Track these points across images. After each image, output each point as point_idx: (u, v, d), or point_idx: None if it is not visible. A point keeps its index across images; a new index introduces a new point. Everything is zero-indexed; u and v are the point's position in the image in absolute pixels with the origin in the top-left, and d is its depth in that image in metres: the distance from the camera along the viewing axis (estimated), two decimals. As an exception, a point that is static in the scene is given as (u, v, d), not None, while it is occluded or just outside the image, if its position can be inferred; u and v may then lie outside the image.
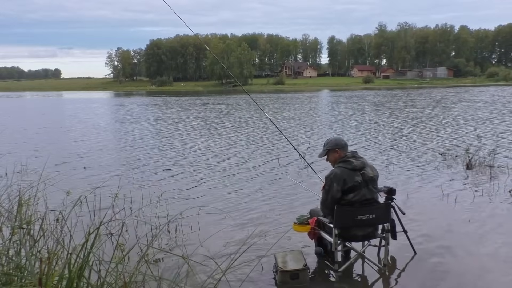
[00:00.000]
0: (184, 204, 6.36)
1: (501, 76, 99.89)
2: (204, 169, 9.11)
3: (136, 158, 10.66)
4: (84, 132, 17.00)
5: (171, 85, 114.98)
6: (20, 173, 8.50)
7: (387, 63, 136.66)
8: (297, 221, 4.25)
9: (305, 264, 3.90)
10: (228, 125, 18.87)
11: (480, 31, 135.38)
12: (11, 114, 28.91)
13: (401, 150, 10.96)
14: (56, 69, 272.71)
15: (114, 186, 6.86)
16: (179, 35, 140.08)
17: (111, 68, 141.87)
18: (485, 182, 7.39)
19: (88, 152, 11.87)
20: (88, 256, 2.45)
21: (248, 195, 6.95)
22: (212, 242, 4.75)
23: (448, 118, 19.39)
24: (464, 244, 4.76)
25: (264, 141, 13.28)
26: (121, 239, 4.16)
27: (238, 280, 3.74)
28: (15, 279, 2.48)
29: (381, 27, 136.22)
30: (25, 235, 3.94)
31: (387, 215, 3.97)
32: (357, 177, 3.82)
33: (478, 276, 4.03)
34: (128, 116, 25.62)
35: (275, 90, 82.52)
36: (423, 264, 4.25)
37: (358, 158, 3.95)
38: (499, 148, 10.49)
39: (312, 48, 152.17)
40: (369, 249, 4.33)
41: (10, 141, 14.10)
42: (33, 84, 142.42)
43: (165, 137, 14.90)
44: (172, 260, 4.26)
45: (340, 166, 3.92)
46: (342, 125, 18.01)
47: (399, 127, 16.61)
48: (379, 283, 3.97)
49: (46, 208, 5.50)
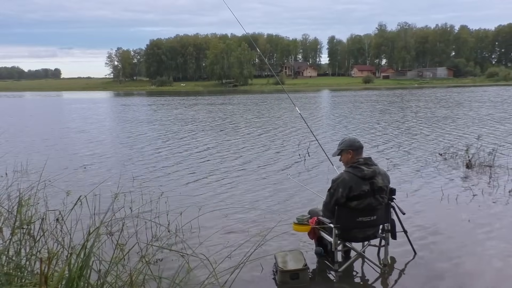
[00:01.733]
0: (184, 204, 6.36)
1: (501, 76, 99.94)
2: (204, 169, 9.10)
3: (136, 158, 10.66)
4: (84, 132, 17.00)
5: (171, 85, 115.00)
6: (20, 173, 8.50)
7: (387, 63, 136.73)
8: (297, 221, 4.25)
9: (305, 264, 3.90)
10: (230, 125, 18.87)
11: (480, 31, 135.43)
12: (10, 114, 28.91)
13: (401, 150, 10.97)
14: (56, 69, 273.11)
15: (114, 186, 6.86)
16: (179, 35, 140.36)
17: (111, 68, 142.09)
18: (485, 182, 7.39)
19: (88, 152, 11.86)
20: (88, 256, 2.45)
21: (248, 195, 6.95)
22: (212, 242, 4.75)
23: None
24: (464, 244, 4.76)
25: (265, 141, 13.28)
26: (121, 239, 4.16)
27: (238, 280, 3.74)
28: (15, 279, 2.48)
29: (381, 27, 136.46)
30: (25, 235, 3.94)
31: (387, 215, 3.97)
32: (364, 186, 3.71)
33: (478, 276, 4.02)
34: (127, 116, 25.62)
35: (275, 90, 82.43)
36: (423, 264, 4.25)
37: (370, 165, 3.81)
38: (500, 147, 10.48)
39: (312, 48, 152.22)
40: (369, 249, 4.32)
41: (10, 141, 14.10)
42: (33, 84, 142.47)
43: (165, 138, 14.90)
44: (172, 260, 4.26)
45: (350, 171, 3.82)
46: (340, 125, 18.01)
47: (400, 126, 16.62)
48: (379, 283, 3.97)
49: (46, 208, 5.49)
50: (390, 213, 4.02)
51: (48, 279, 2.10)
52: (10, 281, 2.40)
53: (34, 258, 2.84)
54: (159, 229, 5.12)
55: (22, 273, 2.57)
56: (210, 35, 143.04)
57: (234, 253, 4.46)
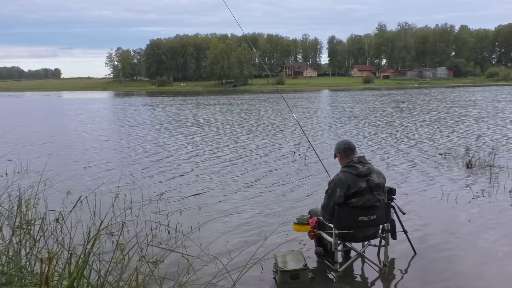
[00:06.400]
0: (185, 204, 6.37)
1: (501, 76, 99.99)
2: (204, 170, 9.10)
3: (136, 158, 10.66)
4: (84, 132, 17.00)
5: (171, 85, 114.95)
6: (21, 173, 8.50)
7: (387, 63, 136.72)
8: (297, 221, 4.25)
9: (305, 264, 3.90)
10: (230, 125, 18.87)
11: (480, 31, 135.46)
12: (10, 114, 28.90)
13: (401, 150, 10.97)
14: (56, 69, 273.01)
15: (114, 186, 6.86)
16: (179, 35, 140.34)
17: (111, 68, 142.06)
18: (485, 182, 7.39)
19: (88, 152, 11.86)
20: (88, 256, 2.45)
21: (248, 195, 6.95)
22: (212, 242, 4.74)
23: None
24: (464, 244, 4.76)
25: (266, 142, 13.28)
26: (121, 239, 4.16)
27: (238, 279, 3.74)
28: (15, 279, 2.48)
29: (381, 27, 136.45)
30: (25, 235, 3.94)
31: (387, 215, 3.97)
32: (361, 183, 3.75)
33: (478, 275, 4.02)
34: (127, 116, 25.61)
35: (275, 90, 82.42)
36: (423, 264, 4.25)
37: (364, 163, 3.87)
38: (501, 147, 10.48)
39: (312, 48, 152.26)
40: (369, 249, 4.33)
41: (10, 141, 14.08)
42: (33, 84, 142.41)
43: (165, 138, 14.89)
44: (172, 260, 4.26)
45: (345, 171, 3.86)
46: (339, 125, 18.01)
47: (400, 126, 16.61)
48: (379, 283, 3.97)
49: (46, 208, 5.49)
50: (390, 213, 4.03)
51: (49, 279, 2.10)
52: (10, 281, 2.40)
53: (34, 258, 2.84)
54: (159, 229, 5.13)
55: (22, 273, 2.57)
56: (210, 35, 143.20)
57: (234, 253, 4.47)
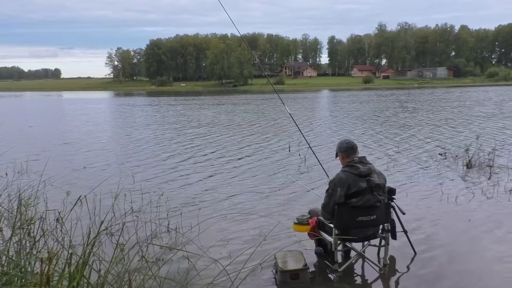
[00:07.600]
0: (185, 204, 6.37)
1: (501, 76, 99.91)
2: (204, 170, 9.10)
3: (136, 158, 10.66)
4: (84, 132, 17.00)
5: (171, 85, 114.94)
6: (20, 173, 8.50)
7: (387, 63, 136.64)
8: (297, 221, 4.25)
9: (305, 264, 3.90)
10: (230, 125, 18.87)
11: (480, 31, 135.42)
12: (10, 115, 28.91)
13: (401, 150, 10.97)
14: (56, 69, 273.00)
15: (114, 186, 6.86)
16: (179, 35, 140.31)
17: (111, 68, 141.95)
18: (485, 182, 7.39)
19: (88, 151, 11.86)
20: (88, 256, 2.45)
21: (248, 195, 6.94)
22: (212, 242, 4.74)
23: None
24: (464, 244, 4.76)
25: (266, 142, 13.28)
26: (121, 239, 4.15)
27: (238, 279, 3.73)
28: (15, 279, 2.48)
29: (381, 27, 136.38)
30: (25, 235, 3.94)
31: (387, 215, 3.97)
32: (362, 183, 3.76)
33: (478, 275, 4.03)
34: (127, 116, 25.61)
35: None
36: (423, 264, 4.25)
37: (365, 164, 3.88)
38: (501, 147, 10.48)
39: (312, 48, 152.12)
40: (369, 249, 4.33)
41: (10, 141, 14.09)
42: (33, 84, 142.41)
43: (165, 138, 14.89)
44: (172, 260, 4.26)
45: (346, 170, 3.87)
46: (338, 124, 18.01)
47: (400, 126, 16.61)
48: (379, 283, 3.97)
49: (46, 208, 5.49)
50: (390, 213, 4.03)
51: (49, 279, 2.10)
52: (10, 281, 2.40)
53: (34, 258, 2.84)
54: (160, 229, 5.13)
55: (22, 273, 2.57)
56: (210, 35, 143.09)
57: (235, 253, 4.47)
